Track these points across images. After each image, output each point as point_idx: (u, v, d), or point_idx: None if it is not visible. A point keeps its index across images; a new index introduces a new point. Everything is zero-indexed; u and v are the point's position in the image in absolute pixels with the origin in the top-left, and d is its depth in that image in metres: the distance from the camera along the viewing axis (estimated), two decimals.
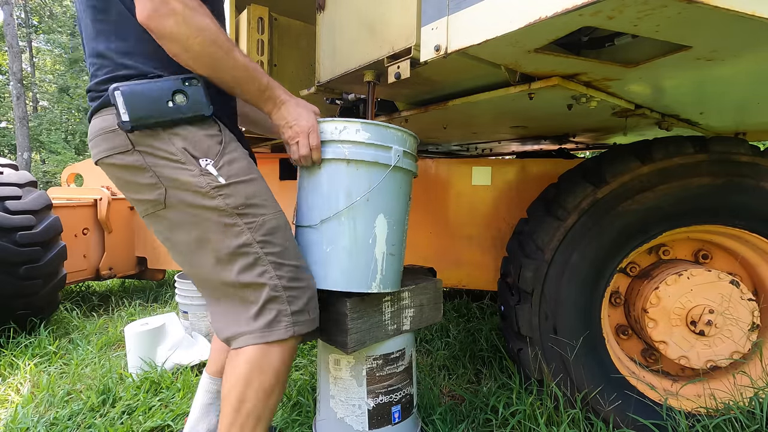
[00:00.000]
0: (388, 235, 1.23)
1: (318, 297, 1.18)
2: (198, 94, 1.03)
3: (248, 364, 1.06)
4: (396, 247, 1.27)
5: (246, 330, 1.07)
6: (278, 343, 1.08)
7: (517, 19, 0.87)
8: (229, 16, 2.11)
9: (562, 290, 1.59)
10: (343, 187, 1.18)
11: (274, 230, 1.09)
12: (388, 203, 1.22)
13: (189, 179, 1.02)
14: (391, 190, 1.22)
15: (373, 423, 1.37)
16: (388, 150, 1.19)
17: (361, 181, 1.18)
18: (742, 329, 1.56)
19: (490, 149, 3.37)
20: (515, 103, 1.49)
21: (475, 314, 2.97)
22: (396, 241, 1.26)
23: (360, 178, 1.18)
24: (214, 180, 1.03)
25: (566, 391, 1.59)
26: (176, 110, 1.01)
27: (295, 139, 1.15)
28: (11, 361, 2.24)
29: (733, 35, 0.91)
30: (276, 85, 1.13)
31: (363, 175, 1.18)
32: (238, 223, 1.05)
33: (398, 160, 1.20)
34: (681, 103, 1.60)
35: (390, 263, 1.25)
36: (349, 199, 1.17)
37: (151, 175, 1.03)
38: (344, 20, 1.45)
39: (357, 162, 1.17)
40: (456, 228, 2.56)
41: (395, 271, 1.28)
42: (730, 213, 1.56)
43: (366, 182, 1.18)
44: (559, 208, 1.62)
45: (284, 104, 1.14)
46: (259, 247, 1.07)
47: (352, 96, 1.77)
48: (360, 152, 1.17)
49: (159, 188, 1.03)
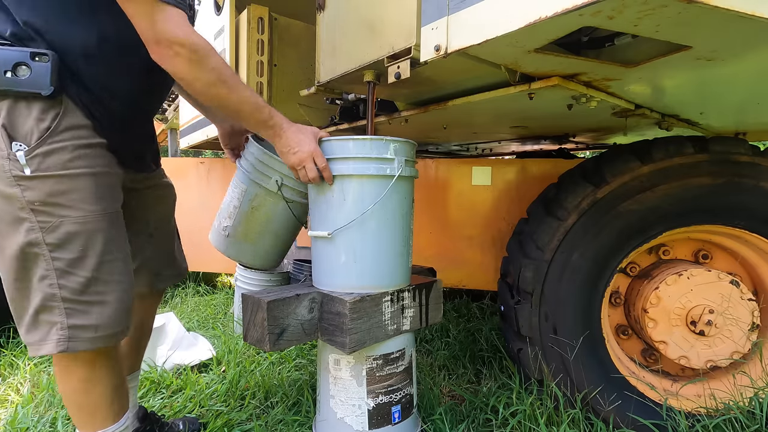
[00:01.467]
0: (399, 236, 1.34)
1: (318, 297, 1.17)
2: (42, 70, 0.93)
3: (56, 366, 1.07)
4: (404, 246, 1.38)
5: (25, 339, 1.02)
6: (58, 357, 1.04)
7: (517, 19, 0.87)
8: (229, 16, 2.11)
9: (562, 290, 1.59)
10: (352, 200, 1.27)
11: (71, 235, 0.99)
12: (396, 209, 1.32)
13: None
14: (397, 197, 1.31)
15: (373, 423, 1.37)
16: (390, 162, 1.28)
17: (370, 192, 1.27)
18: (742, 329, 1.56)
19: (490, 149, 3.37)
20: (515, 103, 1.49)
21: (475, 314, 2.97)
22: (405, 241, 1.38)
23: (368, 190, 1.27)
24: (18, 168, 0.94)
25: (566, 391, 1.59)
26: (10, 82, 0.93)
27: (301, 165, 1.20)
28: (11, 361, 2.24)
29: (733, 35, 0.91)
30: (276, 114, 1.17)
31: (370, 186, 1.27)
32: (28, 219, 0.96)
33: (401, 169, 1.28)
34: (681, 103, 1.60)
35: (403, 260, 1.37)
36: (358, 209, 1.26)
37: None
38: (344, 20, 1.45)
39: (362, 176, 1.26)
40: (456, 228, 2.56)
41: (406, 267, 1.41)
42: (730, 213, 1.56)
43: (373, 193, 1.27)
44: (559, 208, 1.62)
45: (285, 132, 1.18)
46: (47, 249, 0.98)
47: (352, 96, 1.77)
48: (365, 167, 1.26)
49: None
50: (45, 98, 0.95)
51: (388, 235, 1.31)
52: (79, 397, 1.09)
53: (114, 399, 1.13)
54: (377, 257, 1.31)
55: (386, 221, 1.30)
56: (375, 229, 1.29)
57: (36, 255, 0.98)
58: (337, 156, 1.26)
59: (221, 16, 2.25)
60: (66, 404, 1.12)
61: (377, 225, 1.29)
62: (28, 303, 1.01)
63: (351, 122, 1.95)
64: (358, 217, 1.26)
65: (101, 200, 1.03)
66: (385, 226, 1.30)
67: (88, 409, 1.10)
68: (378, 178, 1.27)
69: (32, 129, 0.95)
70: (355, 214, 1.26)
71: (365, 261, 1.30)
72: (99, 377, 1.10)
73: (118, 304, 1.06)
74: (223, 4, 2.22)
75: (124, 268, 1.10)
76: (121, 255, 1.09)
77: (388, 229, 1.31)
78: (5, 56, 0.93)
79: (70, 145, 0.99)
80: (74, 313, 1.01)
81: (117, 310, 1.06)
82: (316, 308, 1.35)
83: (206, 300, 3.45)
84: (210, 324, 2.86)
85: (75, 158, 0.99)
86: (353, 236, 1.28)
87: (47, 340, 1.00)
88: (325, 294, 1.33)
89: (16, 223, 0.97)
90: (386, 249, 1.32)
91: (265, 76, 2.06)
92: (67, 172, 0.98)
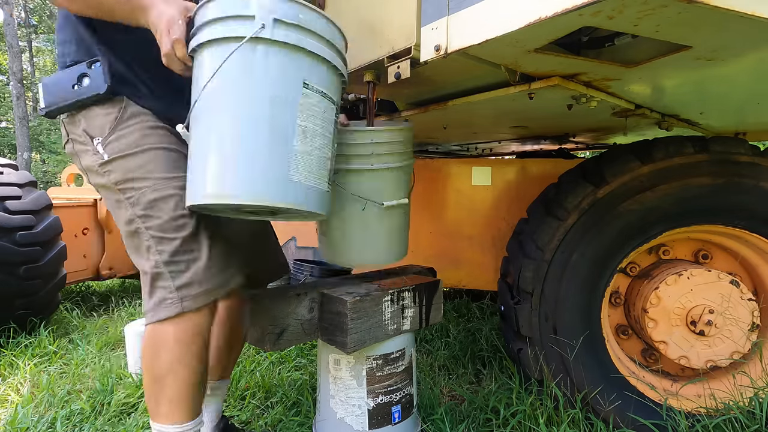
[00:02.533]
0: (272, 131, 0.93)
1: (318, 297, 1.17)
2: (98, 73, 1.04)
3: (146, 343, 1.09)
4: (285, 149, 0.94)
5: (145, 308, 1.09)
6: (170, 321, 1.06)
7: (517, 19, 0.87)
8: None
9: (562, 290, 1.59)
10: (198, 77, 0.95)
11: (153, 203, 1.05)
12: (261, 88, 0.93)
13: (88, 160, 1.08)
14: (261, 71, 0.92)
15: (373, 423, 1.37)
16: (249, 20, 0.91)
17: (210, 64, 0.92)
18: (742, 329, 1.56)
19: (490, 149, 3.37)
20: (515, 103, 1.49)
21: (475, 314, 2.97)
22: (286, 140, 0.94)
23: (209, 61, 0.93)
24: (100, 158, 1.06)
25: (566, 391, 1.59)
26: (77, 93, 1.05)
27: (159, 40, 0.97)
28: (11, 361, 2.24)
29: (733, 35, 0.91)
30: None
31: (209, 57, 0.93)
32: (121, 199, 1.07)
33: (270, 31, 0.90)
34: (681, 103, 1.60)
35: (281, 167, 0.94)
36: (197, 89, 0.94)
37: (78, 160, 1.11)
38: (344, 20, 1.45)
39: (212, 43, 0.93)
40: (456, 228, 2.56)
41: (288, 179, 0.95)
42: (730, 213, 1.56)
43: (212, 64, 0.92)
44: (559, 208, 1.62)
45: (151, 8, 0.97)
46: (141, 222, 1.06)
47: (352, 96, 1.77)
48: (215, 30, 0.92)
49: (83, 172, 1.12)
50: (109, 97, 1.05)
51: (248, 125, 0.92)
52: (166, 378, 1.07)
53: (196, 393, 1.12)
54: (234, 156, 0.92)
55: (245, 106, 0.92)
56: (229, 119, 0.92)
57: (137, 229, 1.07)
58: (197, 24, 0.95)
59: None
60: (147, 389, 1.09)
61: (232, 112, 0.92)
62: (145, 275, 1.07)
63: None
64: (198, 98, 0.93)
65: (174, 170, 1.09)
66: (246, 115, 0.92)
67: (171, 397, 1.07)
68: (228, 42, 0.91)
69: (104, 123, 1.06)
70: (195, 97, 0.94)
71: (220, 162, 0.93)
72: (188, 361, 1.08)
73: (209, 260, 1.08)
74: None
75: (206, 225, 1.11)
76: (200, 216, 1.11)
77: (248, 119, 0.92)
78: (72, 72, 1.07)
79: (137, 128, 1.08)
80: (177, 275, 1.05)
81: (210, 266, 1.08)
82: (316, 308, 1.35)
83: None
84: None
85: (143, 137, 1.08)
86: (202, 130, 0.95)
87: (163, 305, 1.05)
88: (325, 294, 1.33)
89: (118, 205, 1.08)
90: (251, 147, 0.92)
91: None
92: (137, 149, 1.07)
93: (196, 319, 1.08)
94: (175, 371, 1.07)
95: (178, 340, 1.06)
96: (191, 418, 1.11)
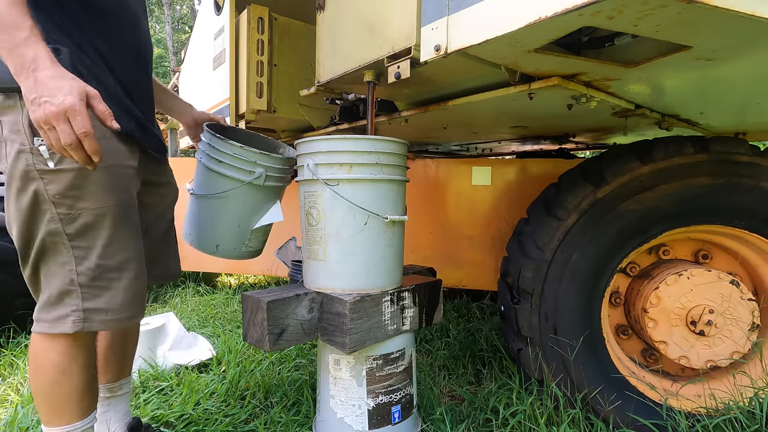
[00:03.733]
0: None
1: (317, 297, 1.17)
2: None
3: (34, 352, 1.10)
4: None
5: (38, 311, 1.08)
6: (64, 335, 1.07)
7: (517, 19, 0.87)
8: (229, 16, 2.11)
9: (562, 290, 1.59)
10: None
11: (88, 226, 1.05)
12: None
13: (21, 154, 0.99)
14: None
15: (373, 423, 1.37)
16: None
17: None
18: (742, 329, 1.56)
19: (490, 149, 3.37)
20: (515, 103, 1.49)
21: (475, 314, 2.97)
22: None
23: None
24: (42, 162, 0.99)
25: (566, 391, 1.59)
26: None
27: (48, 123, 0.85)
28: (11, 361, 2.24)
29: (733, 35, 0.91)
30: (38, 42, 0.85)
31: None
32: (52, 211, 1.03)
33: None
34: (681, 103, 1.60)
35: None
36: None
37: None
38: (344, 20, 1.45)
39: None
40: (456, 228, 2.56)
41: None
42: (730, 213, 1.56)
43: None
44: (559, 208, 1.62)
45: (37, 71, 0.84)
46: (67, 239, 1.05)
47: (352, 96, 1.77)
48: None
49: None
50: None
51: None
52: (51, 388, 1.10)
53: (85, 395, 1.14)
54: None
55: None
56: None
57: (56, 243, 1.05)
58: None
59: (221, 16, 2.25)
60: (36, 397, 1.12)
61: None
62: (48, 286, 1.07)
63: (351, 122, 1.95)
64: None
65: (117, 193, 1.09)
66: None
67: (58, 403, 1.11)
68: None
69: None
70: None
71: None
72: (73, 370, 1.11)
73: (126, 291, 1.12)
74: (223, 4, 2.22)
75: (135, 258, 1.15)
76: (132, 245, 1.14)
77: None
78: None
79: None
80: (89, 297, 1.07)
81: (126, 297, 1.12)
82: (315, 308, 1.35)
83: (206, 300, 3.45)
84: (210, 324, 2.86)
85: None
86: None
87: (65, 321, 1.06)
88: (325, 294, 1.33)
89: (39, 214, 1.04)
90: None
91: (265, 76, 2.06)
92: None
93: (90, 334, 1.12)
94: (61, 381, 1.09)
95: (66, 353, 1.09)
96: (81, 418, 1.14)
